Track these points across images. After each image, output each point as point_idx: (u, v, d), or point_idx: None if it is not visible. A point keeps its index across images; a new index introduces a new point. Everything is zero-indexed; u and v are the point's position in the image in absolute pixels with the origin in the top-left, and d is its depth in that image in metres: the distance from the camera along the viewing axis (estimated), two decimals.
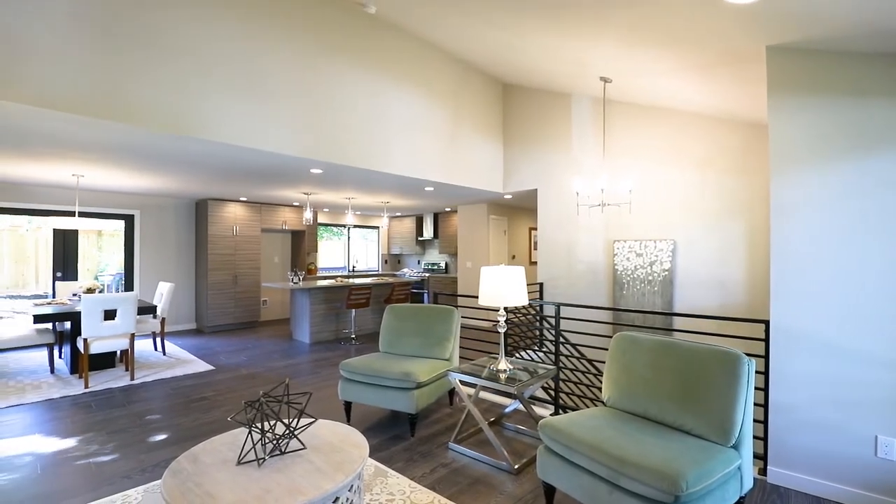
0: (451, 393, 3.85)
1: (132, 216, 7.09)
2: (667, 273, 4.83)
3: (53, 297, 6.39)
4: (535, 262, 9.42)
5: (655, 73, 4.00)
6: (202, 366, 5.17)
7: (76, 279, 6.66)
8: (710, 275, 4.61)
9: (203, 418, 3.56)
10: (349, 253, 10.53)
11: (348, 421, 3.44)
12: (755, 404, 2.34)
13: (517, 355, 5.28)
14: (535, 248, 9.43)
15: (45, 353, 5.69)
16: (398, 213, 10.42)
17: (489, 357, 3.31)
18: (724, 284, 4.52)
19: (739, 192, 4.46)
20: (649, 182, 5.04)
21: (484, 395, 4.08)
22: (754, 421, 2.17)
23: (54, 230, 6.53)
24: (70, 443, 3.10)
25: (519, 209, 8.85)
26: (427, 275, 9.73)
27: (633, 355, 2.45)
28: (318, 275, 8.93)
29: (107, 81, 3.06)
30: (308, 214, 6.96)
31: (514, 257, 8.79)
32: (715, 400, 2.07)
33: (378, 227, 10.97)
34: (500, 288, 2.91)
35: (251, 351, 6.00)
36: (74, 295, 5.60)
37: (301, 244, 8.75)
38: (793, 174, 2.62)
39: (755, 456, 2.62)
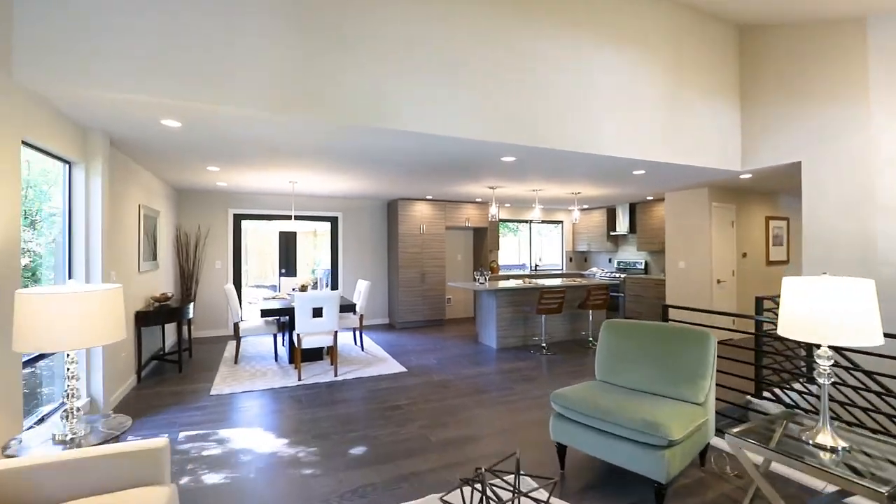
0: (705, 450, 2.76)
1: (336, 218, 7.72)
2: None
3: (278, 290, 7.34)
4: (773, 262, 7.22)
5: None
6: (395, 366, 5.12)
7: (295, 275, 7.55)
8: None
9: (399, 433, 3.28)
10: (531, 250, 9.86)
11: (562, 468, 2.71)
12: None
13: (771, 393, 3.78)
14: (774, 244, 7.23)
15: (272, 339, 6.49)
16: (585, 206, 9.30)
17: (747, 398, 2.15)
18: None
19: None
20: None
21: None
22: None
23: (279, 232, 7.51)
24: (281, 443, 3.12)
25: (751, 193, 6.85)
26: (622, 275, 8.41)
27: None
28: (499, 274, 8.50)
29: (305, 79, 2.95)
30: (494, 210, 6.51)
31: (744, 255, 6.85)
32: None
33: (561, 222, 10.02)
34: (826, 312, 1.78)
35: (440, 353, 5.81)
36: (293, 289, 6.23)
37: (483, 241, 8.44)
38: None
39: None
